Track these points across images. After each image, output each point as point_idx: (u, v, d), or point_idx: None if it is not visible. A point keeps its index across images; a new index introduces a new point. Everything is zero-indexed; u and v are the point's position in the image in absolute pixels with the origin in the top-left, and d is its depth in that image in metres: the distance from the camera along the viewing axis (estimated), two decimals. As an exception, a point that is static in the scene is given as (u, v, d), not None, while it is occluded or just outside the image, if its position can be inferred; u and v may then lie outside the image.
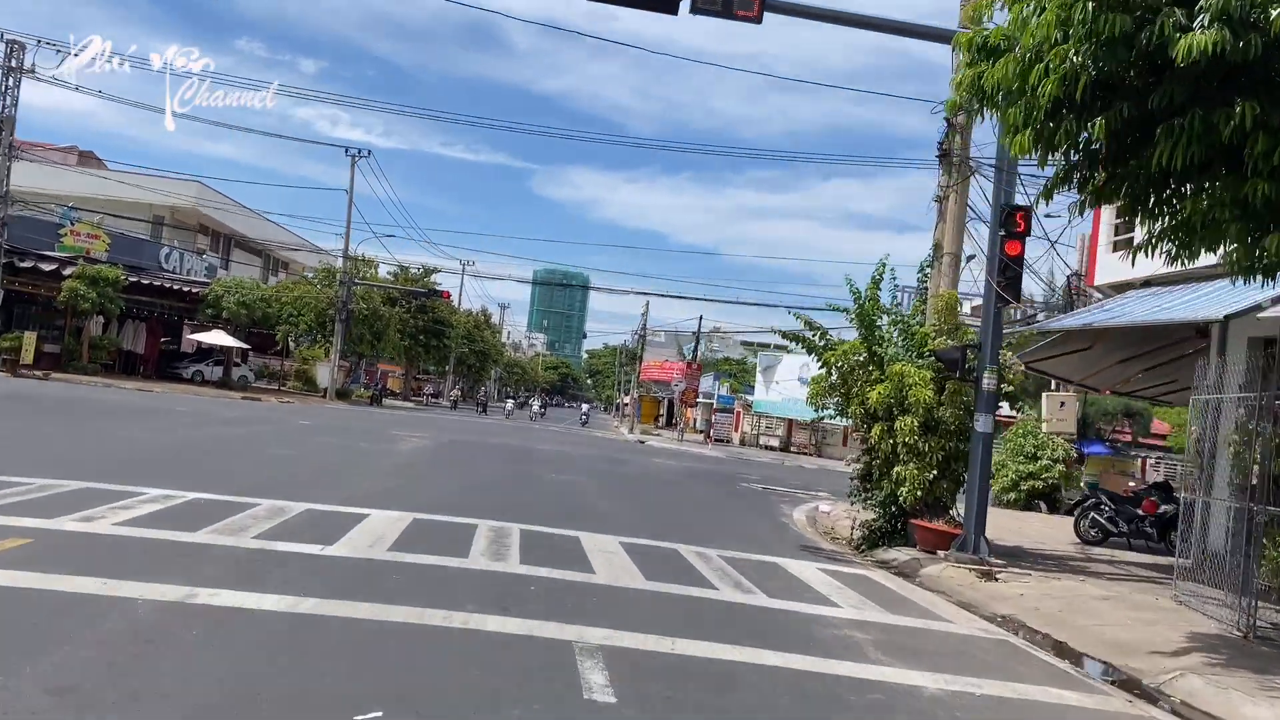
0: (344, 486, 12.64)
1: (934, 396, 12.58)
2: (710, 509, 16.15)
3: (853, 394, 13.52)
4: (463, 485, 14.64)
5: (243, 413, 28.57)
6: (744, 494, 20.35)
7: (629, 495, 16.61)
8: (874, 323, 13.71)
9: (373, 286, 55.45)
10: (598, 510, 13.54)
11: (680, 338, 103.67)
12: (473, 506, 12.04)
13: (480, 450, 23.83)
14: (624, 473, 22.11)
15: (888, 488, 13.16)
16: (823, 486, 26.45)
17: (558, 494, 15.13)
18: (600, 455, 27.87)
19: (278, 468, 14.20)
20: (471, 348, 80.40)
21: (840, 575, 10.46)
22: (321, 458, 16.75)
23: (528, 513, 12.04)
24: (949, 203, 13.72)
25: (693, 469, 27.34)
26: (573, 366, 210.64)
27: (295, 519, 9.55)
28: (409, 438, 25.06)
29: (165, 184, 54.43)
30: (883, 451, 13.10)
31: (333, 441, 20.80)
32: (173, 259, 52.25)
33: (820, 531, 15.35)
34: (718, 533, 12.86)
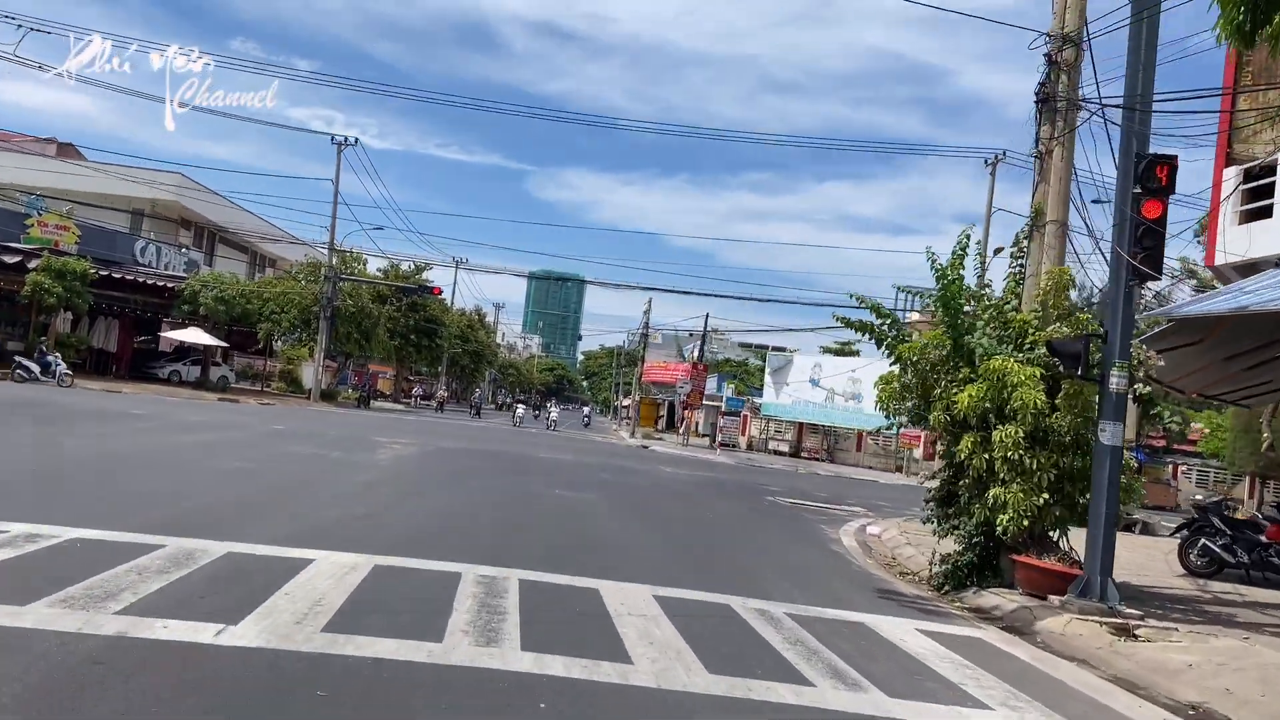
0: (296, 513, 9.91)
1: (1045, 400, 9.90)
2: (744, 533, 13.43)
3: (934, 397, 10.82)
4: (447, 508, 11.89)
5: (212, 416, 25.80)
6: (773, 511, 17.64)
7: (647, 516, 13.89)
8: (960, 308, 11.02)
9: (360, 283, 52.63)
10: (615, 540, 10.81)
11: (679, 339, 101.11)
12: (458, 541, 9.33)
13: (472, 460, 21.08)
14: (634, 484, 19.38)
15: (979, 514, 10.46)
16: (852, 498, 23.83)
17: (563, 517, 12.40)
18: (604, 464, 25.13)
19: (221, 487, 11.46)
20: (465, 348, 77.67)
21: (952, 641, 7.75)
22: (282, 472, 14.01)
23: (528, 548, 9.33)
24: (1052, 159, 11.03)
25: (707, 479, 24.62)
26: (568, 368, 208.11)
27: (205, 571, 6.82)
28: (392, 445, 22.31)
29: (145, 175, 51.66)
30: (975, 469, 10.40)
31: (303, 450, 18.05)
32: (149, 253, 49.46)
33: (882, 563, 12.66)
34: (767, 569, 10.16)
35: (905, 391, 11.19)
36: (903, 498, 26.64)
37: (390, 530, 9.55)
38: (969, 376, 10.71)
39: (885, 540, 14.99)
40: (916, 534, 15.68)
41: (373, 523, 9.95)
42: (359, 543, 8.52)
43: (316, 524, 9.36)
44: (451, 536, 9.61)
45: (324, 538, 8.61)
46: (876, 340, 11.33)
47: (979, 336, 10.75)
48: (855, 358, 54.86)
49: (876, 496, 25.94)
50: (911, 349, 10.88)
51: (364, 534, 9.11)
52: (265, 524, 9.02)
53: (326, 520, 9.67)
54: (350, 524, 9.66)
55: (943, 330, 10.92)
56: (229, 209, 58.11)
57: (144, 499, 9.80)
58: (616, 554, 9.75)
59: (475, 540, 9.52)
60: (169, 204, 54.77)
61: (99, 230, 46.29)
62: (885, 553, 13.73)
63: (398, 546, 8.59)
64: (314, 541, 8.34)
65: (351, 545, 8.34)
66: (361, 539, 8.77)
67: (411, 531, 9.64)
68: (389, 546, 8.52)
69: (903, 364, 11.06)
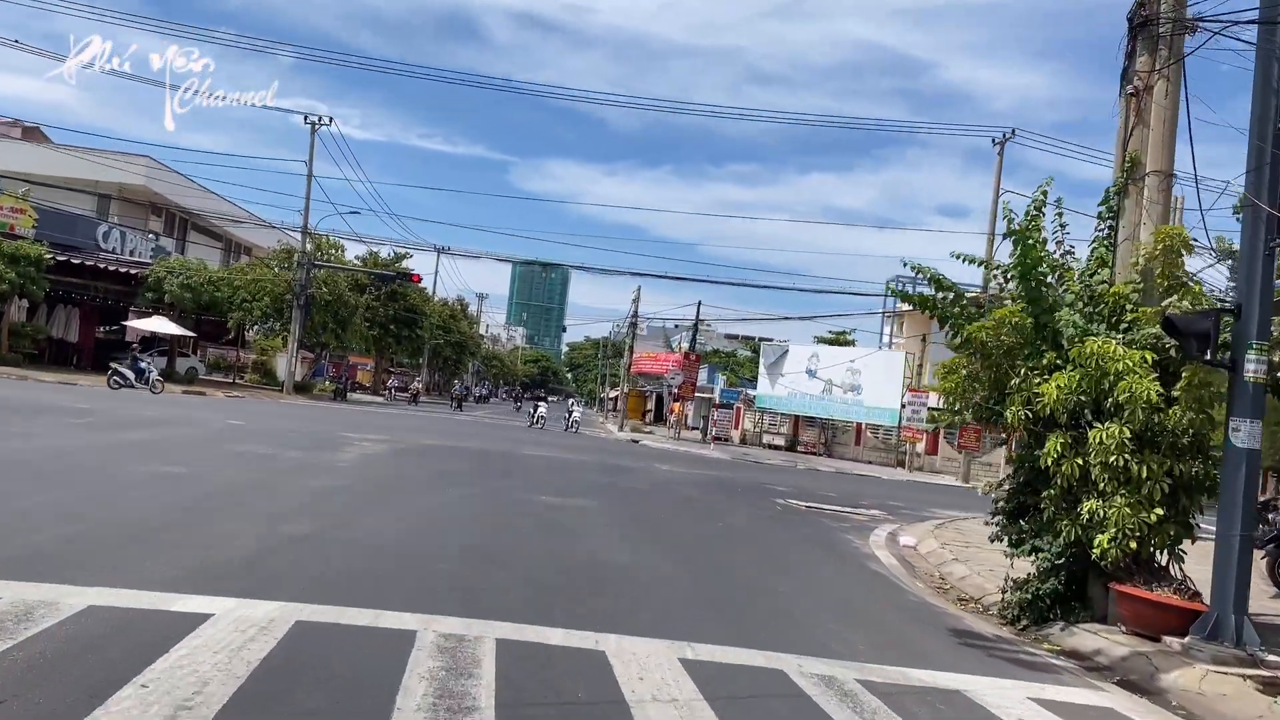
0: (212, 538, 7.77)
1: (1159, 392, 7.87)
2: (766, 549, 11.37)
3: (1011, 388, 8.77)
4: (411, 525, 9.75)
5: (166, 411, 23.54)
6: (788, 518, 15.60)
7: (653, 530, 11.80)
8: (1044, 279, 8.99)
9: (336, 269, 50.26)
10: (619, 567, 8.71)
11: (666, 330, 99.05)
12: (418, 576, 7.21)
13: (448, 459, 18.94)
14: (631, 488, 17.29)
15: (1069, 532, 8.43)
16: (864, 498, 21.84)
17: (553, 535, 10.29)
18: (596, 462, 23.03)
19: (127, 501, 9.29)
20: (447, 339, 75.33)
21: (1079, 717, 5.73)
22: (218, 479, 11.84)
23: (510, 585, 7.25)
24: (1153, 96, 8.98)
25: (708, 478, 22.56)
26: (553, 360, 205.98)
27: (39, 639, 4.70)
28: (361, 442, 20.15)
29: (112, 159, 49.19)
30: (1063, 476, 8.36)
31: (255, 450, 15.88)
32: (113, 238, 46.95)
33: (933, 585, 10.64)
34: (809, 602, 8.11)
35: (972, 382, 9.13)
36: (916, 497, 24.70)
37: (332, 560, 7.42)
38: (1054, 363, 8.69)
39: (925, 554, 12.98)
40: (956, 544, 13.69)
41: (312, 549, 7.82)
42: (284, 582, 6.40)
43: (235, 553, 7.22)
44: (411, 569, 7.49)
45: (239, 575, 6.50)
46: (940, 318, 9.25)
47: (1068, 314, 8.72)
48: (853, 348, 52.99)
49: (888, 496, 23.96)
50: (984, 329, 8.82)
51: (296, 567, 6.99)
52: (163, 556, 6.89)
53: (250, 547, 7.54)
54: (282, 551, 7.52)
55: (1020, 307, 8.86)
56: (201, 194, 55.62)
57: (12, 520, 7.64)
58: (623, 589, 7.67)
59: (441, 574, 7.40)
60: (137, 188, 52.26)
61: (58, 214, 43.83)
62: (930, 570, 11.71)
63: (337, 587, 6.49)
64: (223, 582, 6.23)
65: (273, 587, 6.22)
66: (290, 576, 6.65)
67: (360, 562, 7.52)
68: (325, 588, 6.41)
69: (972, 345, 8.99)
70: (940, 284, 9.32)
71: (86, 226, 45.47)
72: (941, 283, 9.32)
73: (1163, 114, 8.93)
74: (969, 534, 15.80)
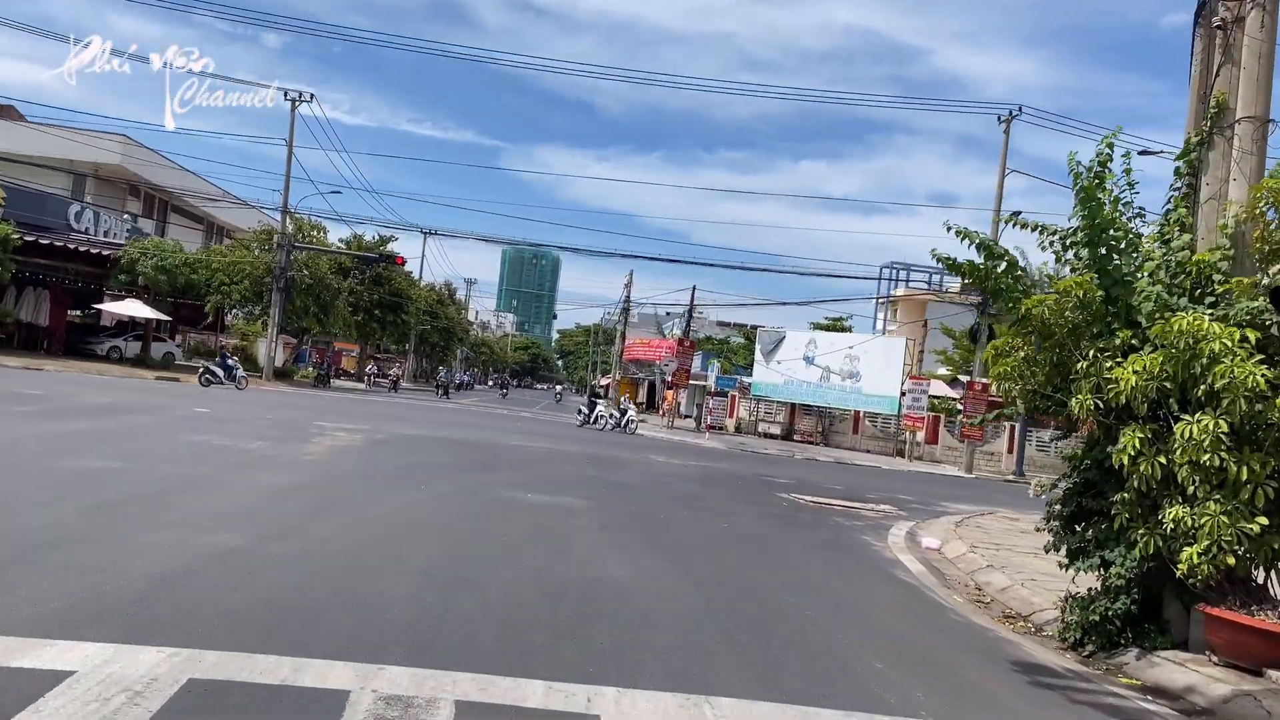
0: (116, 555, 6.37)
1: (1266, 377, 6.53)
2: (781, 557, 10.01)
3: (1078, 373, 7.41)
4: (367, 535, 8.32)
5: (128, 398, 22.07)
6: (797, 516, 14.25)
7: (652, 534, 10.41)
8: (1117, 245, 7.62)
9: (317, 252, 48.65)
10: (615, 585, 7.32)
11: (659, 317, 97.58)
12: (364, 607, 5.81)
13: (427, 451, 17.53)
14: (626, 483, 15.92)
15: (1146, 542, 7.09)
16: (870, 491, 20.55)
17: (538, 544, 8.90)
18: (586, 453, 21.65)
19: (29, 505, 7.86)
20: (434, 325, 73.76)
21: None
22: (156, 475, 10.42)
23: (479, 618, 5.86)
24: (1246, 29, 7.60)
25: (706, 470, 21.21)
26: (543, 347, 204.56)
27: None
28: (335, 432, 18.75)
29: (87, 138, 47.43)
30: (1141, 477, 7.02)
31: (213, 441, 14.47)
32: (85, 218, 45.29)
33: (971, 598, 9.30)
34: (845, 633, 6.75)
35: (1029, 366, 7.76)
36: (923, 489, 23.44)
37: (259, 584, 6.01)
38: (1129, 343, 7.33)
39: (953, 559, 11.66)
40: (985, 546, 12.39)
41: (239, 567, 6.41)
42: (187, 619, 5.01)
43: (137, 576, 5.81)
44: (358, 594, 6.09)
45: (131, 609, 5.11)
46: (991, 291, 7.87)
47: (1147, 284, 7.36)
48: (851, 334, 51.67)
49: (894, 488, 22.67)
50: (1045, 303, 7.44)
51: (210, 595, 5.59)
52: (43, 581, 5.48)
53: (160, 566, 6.13)
54: (199, 572, 6.11)
55: (1090, 277, 7.48)
56: (179, 174, 53.84)
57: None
58: (621, 617, 6.29)
59: (395, 601, 6.00)
60: (114, 168, 50.53)
61: (26, 192, 42.10)
62: (964, 579, 10.38)
63: (255, 624, 5.09)
64: (106, 620, 4.84)
65: (171, 626, 4.84)
66: (198, 608, 5.26)
67: (294, 586, 6.11)
68: (239, 626, 5.02)
69: (1031, 323, 7.62)
70: (991, 251, 7.93)
71: (57, 206, 43.77)
72: (992, 249, 7.94)
73: (1258, 49, 7.55)
74: (994, 533, 14.51)
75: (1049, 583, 9.95)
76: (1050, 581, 9.98)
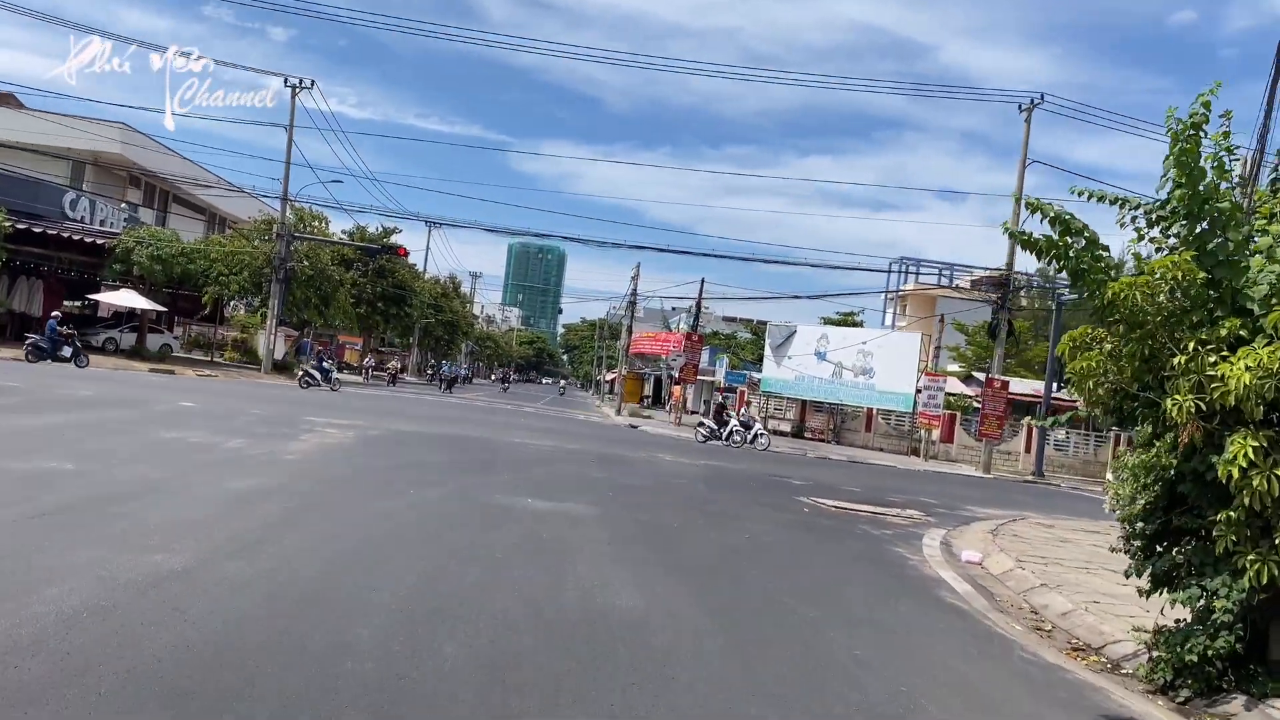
0: (16, 584, 5.26)
1: None
2: (814, 577, 8.87)
3: (1173, 369, 6.26)
4: (338, 552, 7.16)
5: (112, 391, 21.02)
6: (820, 524, 13.11)
7: (665, 548, 9.28)
8: (1226, 219, 6.46)
9: (319, 242, 47.54)
10: (627, 617, 6.16)
11: (665, 312, 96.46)
12: (309, 660, 4.66)
13: (421, 449, 16.43)
14: (635, 485, 14.81)
15: (1260, 570, 5.95)
16: (890, 492, 19.47)
17: (537, 561, 7.77)
18: (592, 451, 20.54)
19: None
20: (438, 318, 72.67)
21: None
22: (112, 477, 9.31)
23: (458, 670, 4.72)
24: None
25: (716, 470, 20.09)
26: (548, 341, 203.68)
27: None
28: (326, 429, 17.65)
29: (86, 126, 46.44)
30: (1255, 492, 5.87)
31: (189, 438, 13.38)
32: (81, 207, 44.31)
33: (1034, 628, 8.15)
34: (903, 680, 5.61)
35: (1115, 362, 6.60)
36: (944, 491, 22.29)
37: (188, 625, 4.86)
38: (1237, 334, 6.19)
39: (998, 574, 10.51)
40: (1031, 560, 11.24)
41: (169, 600, 5.27)
42: (72, 684, 3.89)
43: (37, 612, 4.69)
44: (309, 640, 4.91)
45: (1, 665, 3.99)
46: (1072, 273, 6.68)
47: (1263, 263, 6.20)
48: (864, 329, 50.51)
49: (914, 490, 21.55)
50: (1130, 286, 6.29)
51: (117, 642, 4.45)
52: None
53: (73, 597, 5.01)
54: (118, 609, 4.98)
55: (1191, 255, 6.32)
56: (179, 163, 52.80)
57: None
58: (636, 664, 5.15)
59: (357, 648, 4.84)
60: (114, 157, 49.55)
61: (20, 179, 41.11)
62: (1016, 600, 9.23)
63: (162, 689, 3.96)
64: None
65: (47, 693, 3.72)
66: (94, 665, 4.12)
67: (229, 627, 4.95)
68: (142, 691, 3.89)
69: (1113, 311, 6.46)
70: (1069, 226, 6.76)
71: (51, 194, 42.76)
72: (1070, 224, 6.76)
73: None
74: (1034, 542, 13.38)
75: (1114, 605, 8.83)
76: (1116, 604, 8.86)
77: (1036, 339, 56.62)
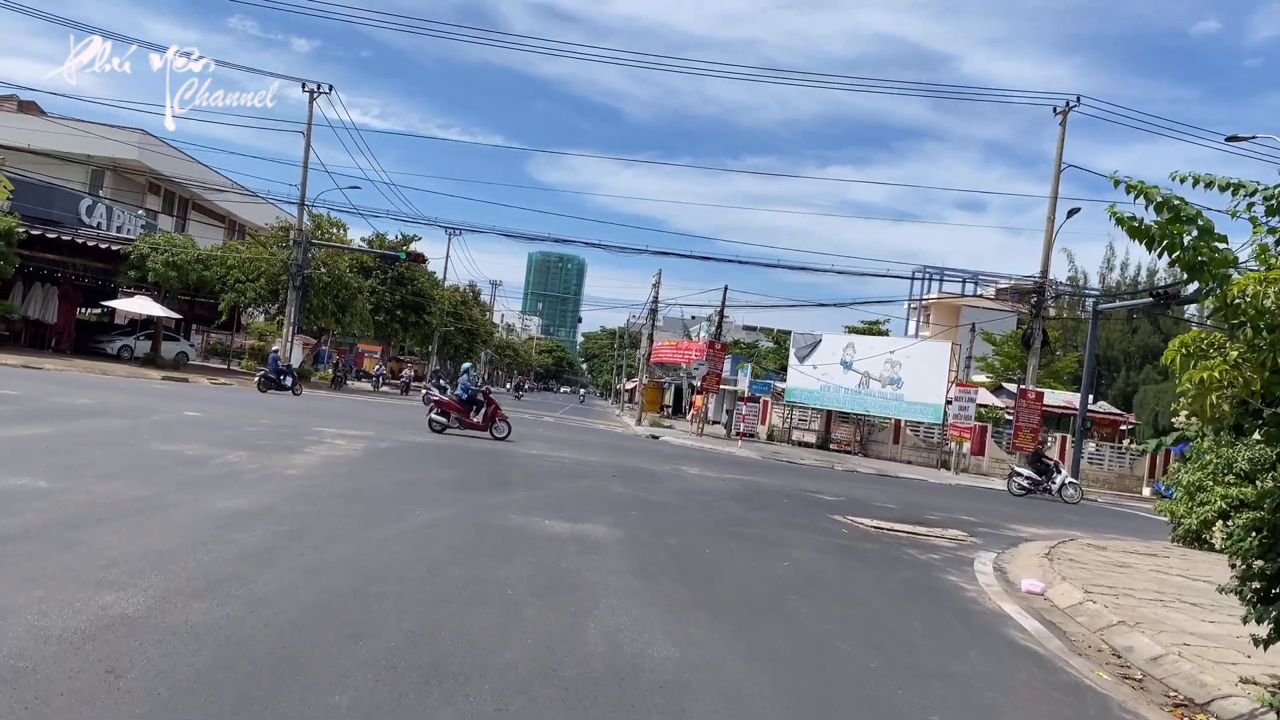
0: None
1: None
2: (867, 616, 7.85)
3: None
4: (326, 589, 6.16)
5: (115, 400, 20.26)
6: (863, 548, 12.07)
7: (700, 580, 8.28)
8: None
9: (335, 249, 46.89)
10: (659, 674, 5.16)
11: (685, 321, 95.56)
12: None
13: (431, 464, 15.51)
14: (659, 501, 13.83)
15: None
16: (927, 509, 18.43)
17: (552, 598, 6.80)
18: (613, 464, 19.58)
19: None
20: (457, 326, 72.02)
21: None
22: (85, 496, 8.42)
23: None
24: None
25: (744, 485, 19.08)
26: (568, 350, 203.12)
27: None
28: (334, 440, 16.80)
29: (104, 131, 46.00)
30: None
31: (186, 451, 12.53)
32: (98, 213, 43.85)
33: (1122, 676, 7.09)
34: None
35: (1239, 372, 5.56)
36: (982, 507, 21.13)
37: (115, 699, 3.93)
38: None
39: (1065, 608, 9.45)
40: (1101, 591, 10.16)
41: (101, 659, 4.32)
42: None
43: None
44: (272, 713, 4.00)
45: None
46: (1187, 267, 5.65)
47: None
48: (892, 338, 49.33)
49: (950, 506, 20.45)
50: (1266, 283, 5.27)
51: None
52: None
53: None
54: (29, 676, 4.05)
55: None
56: (200, 170, 52.40)
57: None
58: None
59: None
60: (132, 162, 49.14)
61: (36, 185, 40.69)
62: (1093, 641, 8.17)
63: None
64: None
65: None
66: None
67: (172, 697, 4.01)
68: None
69: (1240, 317, 5.44)
70: (1178, 212, 5.74)
71: (67, 200, 42.32)
72: (1180, 210, 5.74)
73: None
74: (1092, 568, 12.30)
75: (1208, 649, 7.76)
76: (1209, 648, 7.79)
77: (1065, 349, 55.25)
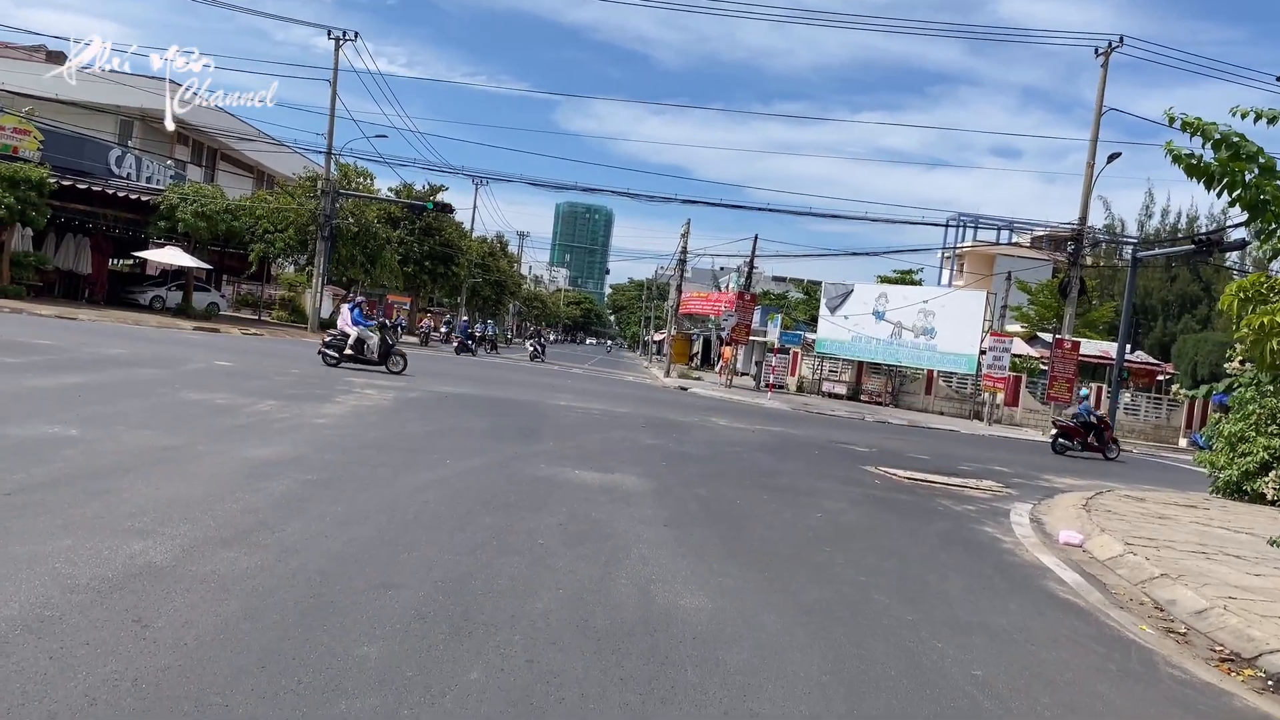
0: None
1: None
2: (904, 567, 7.70)
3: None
4: (356, 538, 6.09)
5: (146, 350, 20.38)
6: (896, 498, 11.90)
7: (731, 530, 8.16)
8: None
9: (364, 199, 46.77)
10: (692, 625, 5.05)
11: (715, 272, 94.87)
12: (296, 699, 3.61)
13: (462, 413, 15.48)
14: (689, 453, 13.73)
15: None
16: (959, 459, 18.24)
17: (583, 547, 6.71)
18: (642, 415, 19.49)
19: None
20: (485, 278, 71.89)
21: None
22: (116, 445, 8.42)
23: (487, 693, 3.67)
24: None
25: (775, 436, 18.95)
26: (595, 302, 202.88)
27: None
28: (365, 390, 16.83)
29: (132, 80, 45.87)
30: None
31: (216, 400, 12.55)
32: (127, 164, 43.98)
33: (1165, 629, 6.92)
34: (1040, 710, 4.48)
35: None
36: (1015, 458, 20.86)
37: (135, 651, 3.85)
38: None
39: (1105, 560, 9.27)
40: (1140, 543, 9.95)
41: (124, 611, 4.25)
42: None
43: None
44: (297, 669, 3.89)
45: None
46: (1249, 206, 5.36)
47: None
48: (924, 288, 48.67)
49: (984, 457, 20.21)
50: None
51: (20, 688, 3.47)
52: None
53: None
54: (52, 624, 3.99)
55: None
56: (228, 118, 52.22)
57: None
58: (711, 702, 4.06)
59: (355, 679, 3.81)
60: (160, 113, 49.02)
61: (66, 136, 40.79)
62: (1134, 594, 7.99)
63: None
64: None
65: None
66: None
67: (198, 648, 3.93)
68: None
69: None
70: (1237, 149, 5.44)
71: (96, 150, 42.44)
72: (1240, 148, 5.44)
73: None
74: (1131, 519, 12.08)
75: (1254, 603, 7.56)
76: (1255, 601, 7.59)
77: (1102, 299, 54.33)
